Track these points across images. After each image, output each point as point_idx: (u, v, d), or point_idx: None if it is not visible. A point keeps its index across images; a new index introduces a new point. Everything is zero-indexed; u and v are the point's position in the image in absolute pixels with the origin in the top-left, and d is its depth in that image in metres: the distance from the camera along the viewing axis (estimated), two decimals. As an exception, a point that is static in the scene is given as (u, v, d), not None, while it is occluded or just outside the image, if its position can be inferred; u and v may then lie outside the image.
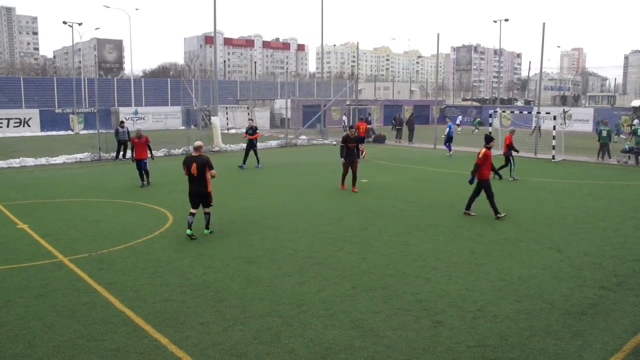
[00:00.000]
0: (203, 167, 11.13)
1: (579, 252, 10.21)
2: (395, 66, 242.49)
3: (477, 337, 6.58)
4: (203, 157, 11.25)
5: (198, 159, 11.19)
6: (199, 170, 11.10)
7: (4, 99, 48.19)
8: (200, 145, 11.56)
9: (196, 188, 11.23)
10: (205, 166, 11.16)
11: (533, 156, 27.23)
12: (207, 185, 11.28)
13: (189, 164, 11.17)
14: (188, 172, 11.16)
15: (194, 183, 11.23)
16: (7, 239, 11.26)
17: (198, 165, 11.09)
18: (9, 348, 6.33)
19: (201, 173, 11.13)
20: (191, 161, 11.18)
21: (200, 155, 11.30)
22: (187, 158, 11.36)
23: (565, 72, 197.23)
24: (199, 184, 11.20)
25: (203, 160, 11.18)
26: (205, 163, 11.17)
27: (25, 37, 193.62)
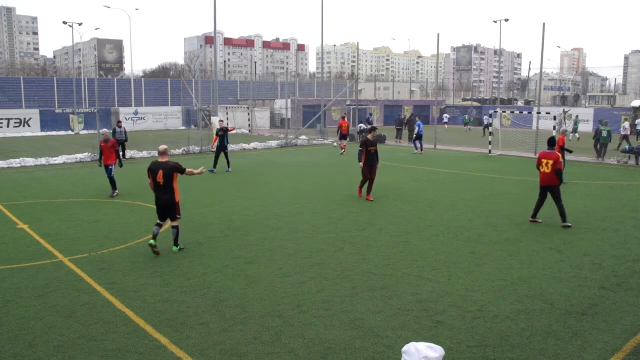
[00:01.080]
0: (170, 175, 10.01)
1: (578, 252, 10.21)
2: (395, 66, 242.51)
3: (477, 337, 6.58)
4: (170, 163, 10.07)
5: (164, 165, 10.04)
6: (166, 178, 9.97)
7: (4, 99, 48.20)
8: (165, 149, 10.31)
9: (162, 197, 10.08)
10: (173, 173, 10.05)
11: (533, 156, 27.22)
12: (174, 194, 10.13)
13: (154, 171, 10.04)
14: (153, 180, 10.06)
15: (160, 192, 10.07)
16: (7, 239, 11.26)
17: (164, 172, 9.96)
18: (9, 348, 6.33)
19: (168, 181, 9.99)
20: (157, 168, 10.04)
21: (167, 162, 10.10)
22: (152, 164, 10.18)
23: (565, 72, 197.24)
24: (166, 192, 10.05)
25: (170, 167, 10.03)
26: (172, 169, 10.05)
27: (25, 37, 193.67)
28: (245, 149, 31.81)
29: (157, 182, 10.00)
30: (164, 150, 10.26)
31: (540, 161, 12.49)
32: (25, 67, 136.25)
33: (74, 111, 46.42)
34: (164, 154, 10.19)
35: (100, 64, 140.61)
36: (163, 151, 10.23)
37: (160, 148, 10.28)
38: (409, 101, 62.44)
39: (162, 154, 10.19)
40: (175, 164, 10.13)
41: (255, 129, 46.26)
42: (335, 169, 22.56)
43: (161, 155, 10.18)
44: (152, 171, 10.08)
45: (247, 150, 31.23)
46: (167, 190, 10.03)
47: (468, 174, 20.76)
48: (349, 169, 22.29)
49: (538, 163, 12.60)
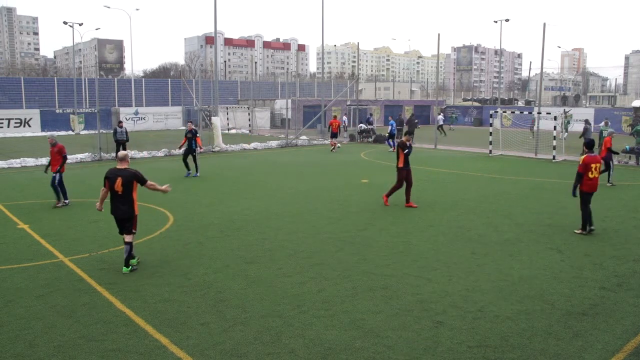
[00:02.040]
0: (130, 184, 9.04)
1: (579, 253, 10.21)
2: (395, 66, 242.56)
3: (478, 338, 6.58)
4: (130, 171, 9.10)
5: (124, 172, 9.07)
6: (125, 186, 9.01)
7: (4, 99, 48.24)
8: (124, 155, 9.33)
9: (119, 209, 9.09)
10: (133, 182, 9.09)
11: (533, 156, 27.23)
12: (133, 206, 9.13)
13: (112, 179, 9.04)
14: (111, 188, 9.07)
15: (118, 202, 9.09)
16: (8, 239, 11.26)
17: (124, 180, 8.99)
18: (9, 348, 6.33)
19: (127, 191, 9.05)
20: (115, 175, 9.05)
21: (127, 169, 9.15)
22: (110, 171, 9.21)
23: (565, 73, 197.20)
24: (124, 203, 9.06)
25: (129, 175, 9.05)
26: (132, 178, 9.06)
27: (26, 38, 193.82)
28: (245, 149, 31.82)
29: (114, 192, 9.03)
30: (124, 156, 9.29)
31: (589, 167, 11.40)
32: (26, 68, 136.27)
33: (75, 111, 46.43)
34: (123, 161, 9.22)
35: (100, 64, 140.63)
36: (122, 157, 9.26)
37: (120, 154, 9.35)
38: (409, 101, 62.43)
39: (121, 160, 9.23)
40: (135, 172, 9.16)
41: (256, 129, 46.27)
42: (336, 169, 22.55)
43: (120, 162, 9.22)
44: (110, 179, 9.09)
45: (247, 151, 31.23)
46: (125, 201, 9.06)
47: (468, 174, 20.76)
48: (349, 170, 22.30)
49: (585, 169, 11.40)
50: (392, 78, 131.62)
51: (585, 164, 11.39)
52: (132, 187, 9.07)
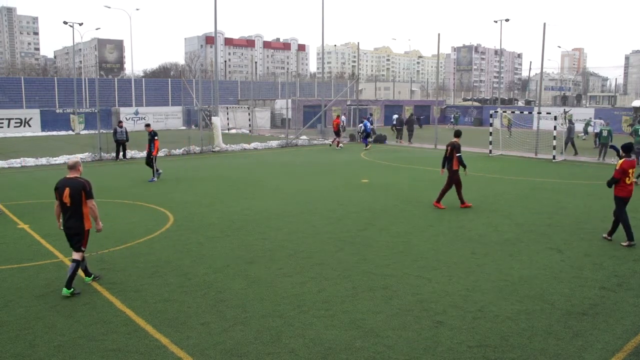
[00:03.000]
0: (79, 195, 8.10)
1: (579, 253, 10.21)
2: (395, 66, 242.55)
3: (478, 338, 6.58)
4: (79, 181, 8.16)
5: (72, 183, 8.14)
6: (73, 198, 8.07)
7: (4, 99, 48.26)
8: (75, 163, 8.35)
9: (67, 222, 8.17)
10: (82, 193, 8.12)
11: (533, 156, 27.23)
12: (82, 220, 8.17)
13: (61, 189, 8.14)
14: (60, 199, 8.16)
15: (66, 215, 8.17)
16: (8, 239, 11.26)
17: (72, 191, 8.07)
18: (10, 348, 6.34)
19: (75, 203, 8.10)
20: (64, 185, 8.15)
21: (77, 178, 8.21)
22: (60, 181, 8.28)
23: (565, 72, 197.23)
24: (72, 217, 8.12)
25: (79, 186, 8.12)
26: (81, 189, 8.11)
27: (26, 37, 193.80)
28: (246, 149, 31.82)
29: (63, 204, 8.13)
30: (74, 164, 8.33)
31: (627, 172, 10.72)
32: (26, 67, 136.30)
33: (75, 111, 46.44)
34: (73, 169, 8.28)
35: (101, 64, 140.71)
36: (72, 165, 8.31)
37: (70, 162, 8.38)
38: (409, 101, 62.42)
39: (71, 169, 8.29)
40: (85, 182, 8.19)
41: (256, 129, 46.26)
42: (336, 169, 22.55)
43: (70, 170, 8.28)
44: (58, 190, 8.19)
45: (247, 151, 31.24)
46: (74, 214, 8.14)
47: (469, 174, 20.72)
48: (349, 170, 22.30)
49: (622, 174, 10.71)
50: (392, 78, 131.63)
51: (622, 169, 10.70)
52: (81, 199, 8.11)
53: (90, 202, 8.17)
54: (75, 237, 8.19)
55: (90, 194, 8.19)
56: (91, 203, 8.18)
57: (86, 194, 8.14)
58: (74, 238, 8.20)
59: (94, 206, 8.21)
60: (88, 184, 8.20)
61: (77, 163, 8.36)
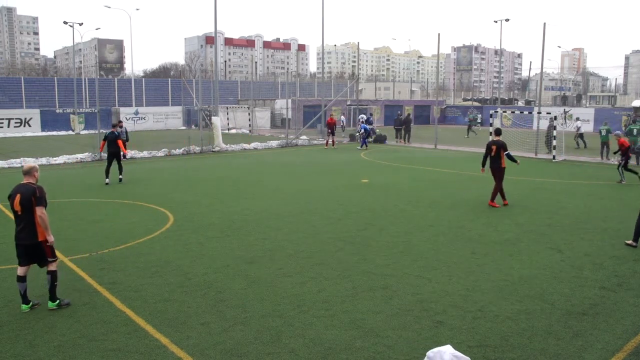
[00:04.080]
0: (29, 203, 7.29)
1: (579, 253, 10.20)
2: (395, 66, 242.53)
3: (478, 338, 6.58)
4: (31, 187, 7.38)
5: (23, 189, 7.38)
6: (23, 206, 7.30)
7: (4, 99, 48.26)
8: (30, 168, 7.58)
9: (21, 234, 7.41)
10: (32, 200, 7.30)
11: (533, 156, 27.23)
12: (36, 231, 7.35)
13: (12, 196, 7.40)
14: (12, 208, 7.46)
15: (17, 225, 7.45)
16: (8, 239, 11.23)
17: (22, 198, 7.30)
18: (10, 348, 6.34)
19: (26, 211, 7.32)
20: (15, 192, 7.39)
21: (29, 184, 7.44)
22: (14, 188, 7.52)
23: (566, 72, 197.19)
24: (24, 227, 7.37)
25: (29, 192, 7.32)
26: (31, 195, 7.29)
27: (26, 37, 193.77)
28: (245, 149, 31.83)
29: (15, 212, 7.41)
30: (28, 169, 7.55)
31: None
32: (26, 67, 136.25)
33: (75, 111, 46.43)
34: (28, 174, 7.53)
35: (101, 64, 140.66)
36: (27, 171, 7.55)
37: (25, 167, 7.61)
38: (409, 101, 62.44)
39: (25, 174, 7.54)
40: (36, 189, 7.37)
41: (256, 129, 46.26)
42: (336, 169, 22.55)
43: (25, 176, 7.54)
44: (11, 197, 7.40)
45: (247, 151, 31.24)
46: (26, 224, 7.35)
47: (469, 174, 20.75)
48: (349, 170, 22.29)
49: None
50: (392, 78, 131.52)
51: None
52: (31, 206, 7.30)
53: (40, 210, 7.28)
54: (32, 250, 7.40)
55: (43, 201, 7.37)
56: (40, 211, 7.28)
57: (37, 200, 7.29)
58: (29, 251, 7.41)
59: (43, 214, 7.31)
60: (40, 190, 7.38)
61: (33, 168, 7.58)
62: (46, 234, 7.40)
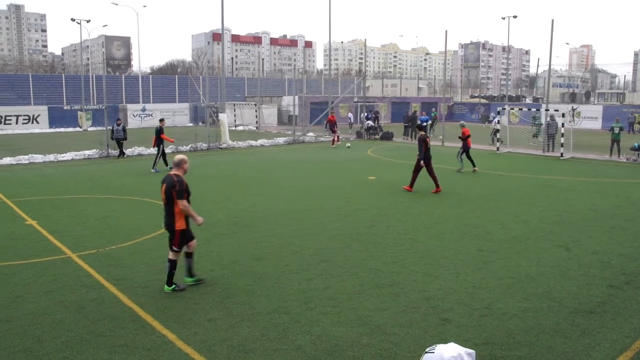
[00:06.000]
0: (170, 193, 7.82)
1: (587, 251, 10.16)
2: (403, 63, 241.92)
3: (485, 335, 6.57)
4: (172, 180, 7.85)
5: (169, 179, 7.89)
6: (166, 196, 7.86)
7: (13, 96, 48.41)
8: (180, 161, 8.06)
9: (165, 220, 8.06)
10: (172, 193, 7.79)
11: (541, 154, 27.12)
12: (174, 220, 7.88)
13: (161, 185, 8.03)
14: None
15: (164, 212, 8.05)
16: (16, 235, 11.32)
17: (165, 188, 7.86)
18: (18, 343, 6.37)
19: (168, 200, 7.86)
20: (162, 182, 8.01)
21: (173, 176, 7.93)
22: (164, 177, 8.10)
23: (574, 69, 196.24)
24: (167, 215, 7.97)
25: (171, 184, 7.82)
26: (171, 188, 7.79)
27: (34, 35, 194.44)
28: (252, 145, 31.84)
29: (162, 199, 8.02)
30: (179, 161, 8.07)
31: None
32: (34, 64, 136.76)
33: (82, 108, 46.55)
34: (177, 167, 8.07)
35: (108, 61, 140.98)
36: (177, 163, 8.07)
37: (175, 159, 8.14)
38: (416, 98, 62.29)
39: (176, 166, 8.09)
40: (177, 182, 7.85)
41: (263, 125, 46.30)
42: (343, 166, 22.54)
43: (175, 168, 8.11)
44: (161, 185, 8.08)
45: (254, 147, 31.26)
46: (167, 212, 7.97)
47: (475, 171, 20.69)
48: (356, 167, 22.27)
49: None
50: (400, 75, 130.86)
51: None
52: (173, 198, 7.84)
53: (180, 203, 7.79)
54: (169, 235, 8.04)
55: (181, 194, 7.79)
56: (182, 204, 7.79)
57: (176, 193, 7.77)
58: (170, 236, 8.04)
59: (184, 206, 7.80)
60: (179, 184, 7.79)
61: (182, 160, 8.05)
62: (194, 217, 7.94)
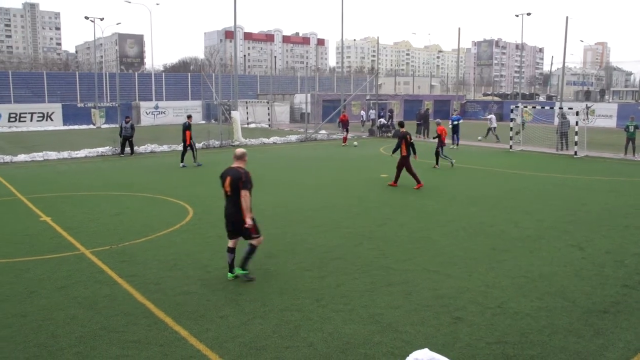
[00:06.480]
0: (236, 185, 8.19)
1: (601, 250, 10.08)
2: (415, 61, 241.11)
3: (497, 334, 6.53)
4: (239, 172, 8.26)
5: (234, 172, 8.33)
6: (232, 187, 8.28)
7: (27, 94, 48.90)
8: (243, 154, 8.53)
9: (229, 211, 8.42)
10: (239, 184, 8.15)
11: (555, 152, 26.93)
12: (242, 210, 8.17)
13: (223, 177, 8.47)
14: (223, 187, 8.53)
15: (228, 204, 8.46)
16: (31, 231, 11.42)
17: (232, 180, 8.27)
18: (33, 338, 6.43)
19: (234, 192, 8.24)
20: (226, 174, 8.44)
21: (238, 168, 8.34)
22: (226, 170, 8.58)
23: (588, 67, 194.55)
24: (233, 206, 8.33)
25: (237, 176, 8.23)
26: (239, 180, 8.17)
27: (48, 33, 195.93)
28: (265, 143, 31.87)
29: (225, 192, 8.39)
30: (241, 155, 8.49)
31: None
32: (48, 62, 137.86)
33: (96, 105, 46.89)
34: (240, 159, 8.46)
35: (121, 59, 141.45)
36: (240, 156, 8.48)
37: (238, 152, 8.55)
38: (429, 96, 62.08)
39: (238, 159, 8.48)
40: (244, 173, 8.21)
41: (275, 123, 46.36)
42: (355, 164, 22.52)
43: (237, 160, 8.47)
44: (222, 178, 8.48)
45: (267, 145, 31.30)
46: (233, 203, 8.29)
47: (489, 170, 20.60)
48: (368, 164, 22.24)
49: None
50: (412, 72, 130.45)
51: None
52: (239, 189, 8.14)
53: (244, 192, 8.09)
54: (238, 227, 8.26)
55: (246, 184, 8.13)
56: (244, 193, 8.09)
57: (242, 184, 8.11)
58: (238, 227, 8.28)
59: (245, 196, 8.12)
60: (246, 174, 8.18)
61: (245, 154, 8.51)
62: (245, 214, 8.12)
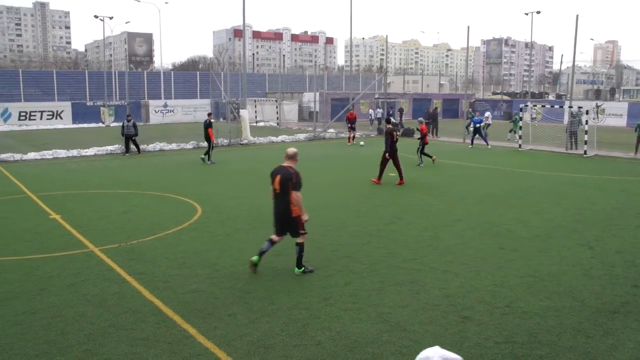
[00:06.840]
0: (286, 184, 8.43)
1: (610, 249, 10.02)
2: (424, 59, 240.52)
3: (506, 334, 6.51)
4: (289, 172, 8.51)
5: (284, 171, 8.56)
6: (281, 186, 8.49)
7: (37, 92, 49.21)
8: (294, 154, 8.82)
9: (278, 209, 8.65)
10: (288, 184, 8.43)
11: (564, 151, 26.80)
12: (290, 208, 8.49)
13: (273, 176, 8.68)
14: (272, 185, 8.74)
15: (276, 201, 8.67)
16: (40, 229, 11.48)
17: (281, 179, 8.50)
18: (42, 335, 6.47)
19: (283, 191, 8.47)
20: (276, 173, 8.66)
21: (289, 168, 8.59)
22: (276, 168, 8.80)
23: (598, 66, 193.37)
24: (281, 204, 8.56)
25: (287, 176, 8.46)
26: (288, 180, 8.43)
27: (58, 32, 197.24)
28: (273, 141, 31.90)
29: (274, 189, 8.61)
30: (293, 154, 8.76)
31: None
32: (58, 61, 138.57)
33: (105, 104, 47.13)
34: (291, 159, 8.73)
35: (130, 57, 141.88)
36: (291, 155, 8.74)
37: (289, 152, 8.80)
38: (438, 95, 61.90)
39: (289, 158, 8.73)
40: (294, 174, 8.48)
41: (284, 122, 46.38)
42: (363, 162, 22.50)
43: (288, 160, 8.73)
44: (272, 176, 8.67)
45: (275, 143, 31.32)
46: (282, 202, 8.56)
47: (497, 169, 20.53)
48: (376, 163, 22.17)
49: None
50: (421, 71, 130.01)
51: None
52: (288, 189, 8.40)
53: (295, 194, 8.38)
54: (286, 224, 8.57)
55: (297, 185, 8.41)
56: (296, 194, 8.38)
57: (292, 185, 8.39)
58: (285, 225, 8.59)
59: (298, 197, 8.40)
60: (296, 175, 8.45)
61: (296, 154, 8.77)
62: (300, 213, 8.46)
